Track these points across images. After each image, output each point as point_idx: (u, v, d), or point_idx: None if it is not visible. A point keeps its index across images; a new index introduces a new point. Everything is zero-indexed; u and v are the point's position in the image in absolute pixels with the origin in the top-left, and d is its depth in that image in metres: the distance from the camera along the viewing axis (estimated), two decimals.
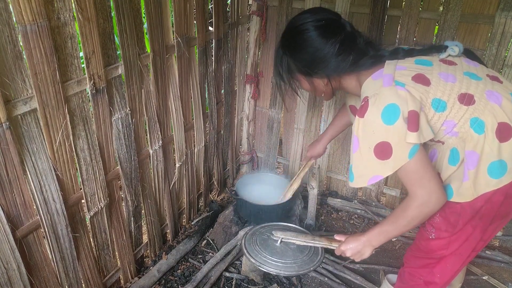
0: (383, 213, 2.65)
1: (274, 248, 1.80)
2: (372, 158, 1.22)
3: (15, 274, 1.41)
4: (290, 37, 1.40)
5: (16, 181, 1.35)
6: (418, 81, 1.22)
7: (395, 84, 1.21)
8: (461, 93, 1.21)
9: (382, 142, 1.19)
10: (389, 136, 1.18)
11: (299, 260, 1.76)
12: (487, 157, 1.21)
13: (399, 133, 1.17)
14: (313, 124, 2.78)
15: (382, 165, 1.22)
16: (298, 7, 2.54)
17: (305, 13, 1.37)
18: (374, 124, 1.20)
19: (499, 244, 2.47)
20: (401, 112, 1.16)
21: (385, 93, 1.20)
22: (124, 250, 1.99)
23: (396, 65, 1.28)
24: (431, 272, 1.45)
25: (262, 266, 1.73)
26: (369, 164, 1.24)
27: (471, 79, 1.24)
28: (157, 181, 2.12)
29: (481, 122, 1.20)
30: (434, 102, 1.21)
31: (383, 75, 1.26)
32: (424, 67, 1.27)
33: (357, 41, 1.34)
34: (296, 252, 1.79)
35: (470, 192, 1.26)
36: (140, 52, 1.76)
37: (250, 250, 1.81)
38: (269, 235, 1.85)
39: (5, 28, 1.19)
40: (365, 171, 1.27)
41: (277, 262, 1.73)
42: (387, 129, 1.18)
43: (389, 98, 1.19)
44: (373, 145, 1.21)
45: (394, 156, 1.20)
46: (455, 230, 1.33)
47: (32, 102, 1.32)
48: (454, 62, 1.31)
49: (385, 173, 1.23)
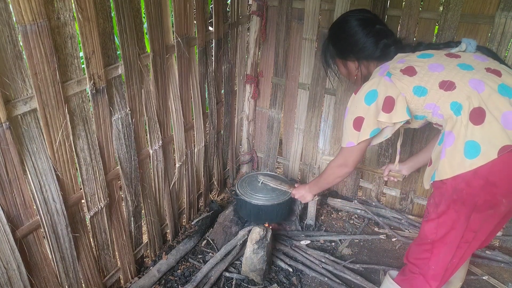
0: (383, 213, 2.65)
1: (257, 187, 2.40)
2: (350, 127, 1.60)
3: (15, 274, 1.41)
4: (334, 27, 1.79)
5: (16, 181, 1.35)
6: (405, 73, 1.50)
7: (386, 74, 1.53)
8: (442, 80, 1.42)
9: (359, 116, 1.57)
10: (365, 113, 1.54)
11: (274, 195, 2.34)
12: (462, 137, 1.34)
13: (372, 113, 1.53)
14: (313, 124, 2.78)
15: (354, 134, 1.60)
16: (298, 7, 2.54)
17: (350, 11, 1.82)
18: (359, 101, 1.56)
19: (499, 244, 2.47)
20: (378, 97, 1.51)
21: (375, 80, 1.54)
22: (124, 250, 1.99)
23: (400, 58, 1.59)
24: (427, 264, 1.51)
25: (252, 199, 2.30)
26: (348, 131, 1.62)
27: (460, 69, 1.43)
28: (157, 181, 2.12)
29: (460, 106, 1.37)
30: (415, 88, 1.47)
31: (384, 66, 1.59)
32: (422, 59, 1.53)
33: (386, 36, 1.68)
34: (270, 191, 2.37)
35: (447, 169, 1.38)
36: (140, 52, 1.76)
37: (241, 190, 2.38)
38: (256, 179, 2.46)
39: (5, 28, 1.19)
40: (345, 135, 1.66)
41: (258, 195, 2.33)
42: (365, 107, 1.54)
43: (375, 85, 1.53)
44: (354, 117, 1.58)
45: (362, 129, 1.56)
46: (438, 210, 1.44)
47: (32, 102, 1.32)
48: (458, 55, 1.51)
49: (354, 141, 1.60)
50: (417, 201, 2.66)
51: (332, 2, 2.42)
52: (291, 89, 2.78)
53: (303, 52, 2.62)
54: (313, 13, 2.50)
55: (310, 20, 2.52)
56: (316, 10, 2.48)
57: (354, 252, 2.40)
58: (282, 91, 2.81)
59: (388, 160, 2.62)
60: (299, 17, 2.57)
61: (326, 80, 2.62)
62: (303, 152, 2.92)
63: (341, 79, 2.36)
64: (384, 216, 2.64)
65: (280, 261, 2.26)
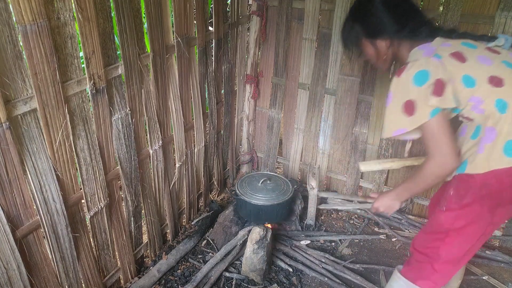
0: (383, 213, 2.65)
1: (257, 187, 2.38)
2: (399, 112, 1.41)
3: (15, 274, 1.41)
4: (360, 6, 1.65)
5: (16, 181, 1.35)
6: (454, 57, 1.38)
7: (434, 56, 1.39)
8: (491, 75, 1.35)
9: (410, 100, 1.38)
10: (416, 95, 1.36)
11: (274, 195, 2.34)
12: (504, 135, 1.32)
13: (425, 95, 1.35)
14: (313, 124, 2.78)
15: (407, 119, 1.39)
16: (298, 7, 2.54)
17: None
18: (407, 83, 1.39)
19: (499, 244, 2.47)
20: (430, 78, 1.35)
21: (422, 61, 1.39)
22: (124, 250, 1.99)
23: (443, 42, 1.46)
24: (437, 253, 1.51)
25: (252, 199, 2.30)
26: (396, 118, 1.42)
27: (506, 66, 1.38)
28: (157, 181, 2.12)
29: (505, 104, 1.32)
30: (464, 78, 1.35)
31: (428, 47, 1.45)
32: (467, 48, 1.43)
33: (418, 14, 1.56)
34: (269, 191, 2.36)
35: (483, 164, 1.35)
36: (140, 52, 1.76)
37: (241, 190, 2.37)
38: (255, 180, 2.46)
39: (5, 28, 1.19)
40: (392, 123, 1.45)
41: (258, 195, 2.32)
42: (415, 89, 1.37)
43: (424, 65, 1.37)
44: (403, 101, 1.39)
45: (417, 113, 1.37)
46: (462, 202, 1.41)
47: (32, 102, 1.32)
48: (498, 51, 1.45)
49: (408, 126, 1.40)
50: (417, 201, 2.65)
51: (332, 2, 2.42)
52: (291, 89, 2.78)
53: (303, 52, 2.62)
54: (313, 13, 2.50)
55: (310, 20, 2.52)
56: (316, 10, 2.48)
57: (354, 252, 2.40)
58: (282, 91, 2.81)
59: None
60: (299, 17, 2.57)
61: (326, 80, 2.62)
62: (303, 152, 2.91)
63: (361, 64, 2.31)
64: (384, 216, 2.64)
65: (280, 261, 2.26)
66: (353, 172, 2.77)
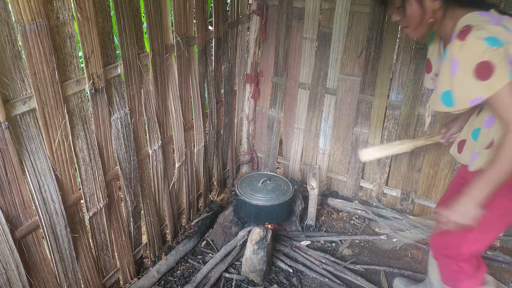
0: (384, 213, 2.64)
1: (257, 187, 2.38)
2: (472, 79, 1.25)
3: (14, 275, 1.40)
4: None
5: (15, 181, 1.35)
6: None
7: (501, 26, 1.26)
8: None
9: (483, 61, 1.22)
10: (492, 55, 1.22)
11: (274, 195, 2.32)
12: None
13: (500, 54, 1.21)
14: (313, 124, 2.77)
15: (482, 85, 1.24)
16: (298, 6, 2.53)
17: None
18: (477, 44, 1.23)
19: (500, 244, 2.47)
20: (505, 44, 1.22)
21: (492, 29, 1.25)
22: (124, 251, 1.98)
23: (500, 16, 1.33)
24: (460, 252, 1.52)
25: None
26: (469, 85, 1.27)
27: None
28: (157, 181, 2.11)
29: None
30: None
31: (492, 16, 1.31)
32: None
33: None
34: (269, 191, 2.35)
35: None
36: (140, 51, 1.76)
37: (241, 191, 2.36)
38: (254, 180, 2.46)
39: (4, 27, 1.18)
40: (466, 93, 1.29)
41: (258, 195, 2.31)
42: (490, 49, 1.22)
43: (495, 32, 1.24)
44: (474, 65, 1.24)
45: (495, 75, 1.22)
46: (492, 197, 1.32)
47: (31, 102, 1.32)
48: None
49: (485, 93, 1.25)
50: (418, 202, 2.65)
51: (332, 1, 2.41)
52: (291, 89, 2.77)
53: (304, 52, 2.61)
54: (314, 13, 2.49)
55: (310, 19, 2.51)
56: (316, 9, 2.48)
57: (354, 253, 2.40)
58: (282, 90, 2.81)
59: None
60: (299, 17, 2.56)
61: (326, 80, 2.61)
62: (303, 152, 2.91)
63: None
64: (385, 217, 2.63)
65: (280, 261, 2.26)
66: (353, 172, 2.77)
